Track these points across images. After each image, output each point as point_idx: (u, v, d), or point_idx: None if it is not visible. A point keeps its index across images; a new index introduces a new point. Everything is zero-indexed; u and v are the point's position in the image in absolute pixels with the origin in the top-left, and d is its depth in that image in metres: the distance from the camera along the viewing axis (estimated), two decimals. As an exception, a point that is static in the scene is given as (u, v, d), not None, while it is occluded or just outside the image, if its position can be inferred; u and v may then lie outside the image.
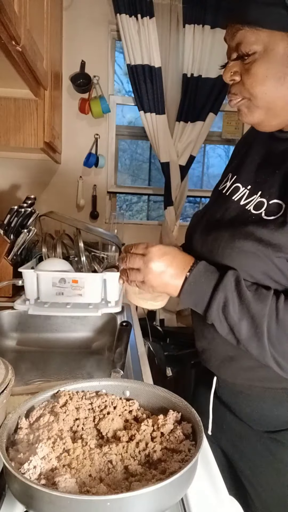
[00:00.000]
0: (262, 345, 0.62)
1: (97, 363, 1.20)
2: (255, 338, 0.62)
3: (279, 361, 0.63)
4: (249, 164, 0.78)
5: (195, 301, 0.67)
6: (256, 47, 0.65)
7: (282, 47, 0.64)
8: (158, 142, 2.22)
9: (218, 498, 0.56)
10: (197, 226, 0.82)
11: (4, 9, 0.78)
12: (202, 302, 0.66)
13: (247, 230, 0.67)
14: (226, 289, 0.64)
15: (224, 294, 0.64)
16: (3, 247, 1.44)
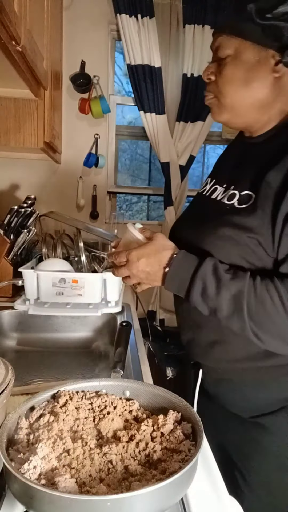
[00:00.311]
0: (243, 320, 0.68)
1: (97, 363, 1.20)
2: (236, 315, 0.69)
3: (257, 333, 0.68)
4: (225, 167, 0.91)
5: (176, 288, 0.75)
6: (229, 52, 0.77)
7: (249, 55, 0.75)
8: (158, 142, 2.22)
9: (218, 498, 0.56)
10: (183, 223, 0.92)
11: (4, 9, 0.78)
12: (182, 288, 0.73)
13: (224, 218, 0.76)
14: (204, 274, 0.71)
15: (202, 279, 0.70)
16: (3, 247, 1.44)
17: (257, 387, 0.83)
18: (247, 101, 0.78)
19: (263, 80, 0.77)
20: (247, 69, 0.76)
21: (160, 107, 2.18)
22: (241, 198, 0.76)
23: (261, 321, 0.68)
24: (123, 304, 1.37)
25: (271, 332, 0.69)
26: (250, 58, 0.76)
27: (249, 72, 0.76)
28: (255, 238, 0.71)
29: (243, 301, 0.67)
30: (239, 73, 0.77)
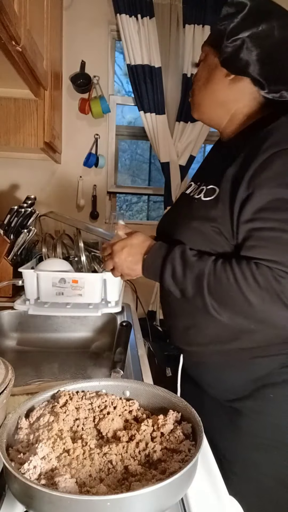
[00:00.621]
0: (204, 298, 0.75)
1: (97, 363, 1.20)
2: (198, 294, 0.76)
3: (218, 310, 0.75)
4: (202, 168, 1.04)
5: (153, 274, 0.83)
6: (203, 57, 0.90)
7: (212, 59, 0.87)
8: (158, 142, 2.22)
9: (218, 498, 0.56)
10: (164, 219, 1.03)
11: (4, 9, 0.78)
12: (156, 273, 0.82)
13: (193, 211, 0.85)
14: (173, 259, 0.79)
15: (171, 263, 0.79)
16: (3, 247, 1.44)
17: (228, 370, 0.89)
18: (208, 99, 0.89)
19: (219, 81, 0.87)
20: (208, 71, 0.88)
21: (160, 107, 2.18)
22: (206, 192, 0.84)
23: (220, 298, 0.75)
24: (123, 304, 1.37)
25: (230, 308, 0.75)
26: (212, 61, 0.87)
27: (210, 74, 0.88)
28: (217, 227, 0.79)
29: (203, 281, 0.75)
30: (203, 74, 0.89)
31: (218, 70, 0.86)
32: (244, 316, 0.75)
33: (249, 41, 0.79)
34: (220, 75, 0.86)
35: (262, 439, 0.86)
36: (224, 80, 0.86)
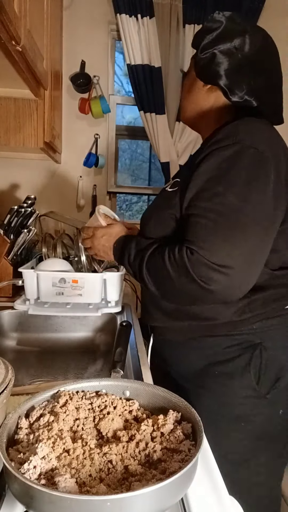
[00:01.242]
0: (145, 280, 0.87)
1: (97, 363, 1.20)
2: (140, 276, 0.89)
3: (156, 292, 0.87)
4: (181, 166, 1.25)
5: (118, 259, 0.99)
6: (190, 67, 1.01)
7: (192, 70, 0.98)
8: (158, 142, 2.22)
9: (218, 498, 0.56)
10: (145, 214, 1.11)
11: (4, 9, 0.78)
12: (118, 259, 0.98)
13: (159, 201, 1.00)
14: (130, 248, 0.93)
15: (128, 251, 0.93)
16: (3, 247, 1.44)
17: (183, 347, 1.00)
18: (190, 106, 1.02)
19: (199, 90, 0.98)
20: (191, 81, 1.00)
21: (160, 107, 2.18)
22: (172, 184, 0.97)
23: (156, 280, 0.86)
24: (123, 304, 1.37)
25: (165, 290, 0.86)
26: (193, 73, 0.98)
27: (191, 84, 1.00)
28: (174, 214, 0.90)
29: (143, 265, 0.87)
30: (187, 83, 1.02)
31: (197, 80, 0.98)
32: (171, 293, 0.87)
33: (219, 55, 0.90)
34: (199, 85, 0.97)
35: (217, 416, 0.94)
36: (202, 90, 0.97)
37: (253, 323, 0.92)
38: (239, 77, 0.90)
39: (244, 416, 0.94)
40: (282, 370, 0.93)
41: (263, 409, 0.93)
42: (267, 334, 0.93)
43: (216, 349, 0.94)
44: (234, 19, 0.92)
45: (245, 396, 0.93)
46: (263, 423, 0.94)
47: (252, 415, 0.93)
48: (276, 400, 0.94)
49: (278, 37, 1.02)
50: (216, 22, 0.91)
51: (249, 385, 0.92)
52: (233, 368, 0.93)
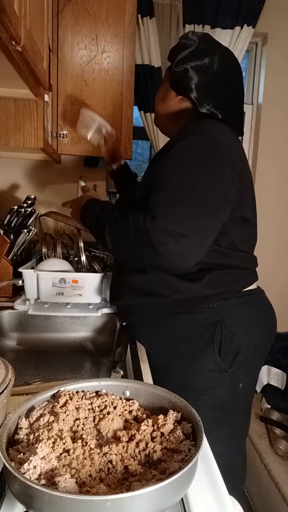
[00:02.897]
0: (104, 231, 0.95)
1: (97, 363, 1.20)
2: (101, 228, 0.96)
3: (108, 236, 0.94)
4: None
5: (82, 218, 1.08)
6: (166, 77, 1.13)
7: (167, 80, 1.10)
8: (158, 142, 2.22)
9: (218, 498, 0.56)
10: None
11: (4, 9, 0.78)
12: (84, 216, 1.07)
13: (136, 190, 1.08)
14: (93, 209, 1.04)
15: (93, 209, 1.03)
16: (3, 247, 1.44)
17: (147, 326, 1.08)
18: (163, 112, 1.13)
19: (171, 99, 1.10)
20: (165, 90, 1.11)
21: (160, 107, 2.18)
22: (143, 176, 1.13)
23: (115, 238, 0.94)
24: (123, 304, 1.37)
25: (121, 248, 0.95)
26: (167, 83, 1.10)
27: (166, 92, 1.11)
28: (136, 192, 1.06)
29: (106, 223, 0.95)
30: (162, 92, 1.13)
31: (171, 90, 1.09)
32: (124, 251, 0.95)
33: (191, 70, 1.02)
34: (172, 94, 1.09)
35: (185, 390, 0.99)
36: (174, 99, 1.09)
37: (213, 301, 1.01)
38: (208, 92, 1.03)
39: (208, 389, 1.02)
40: (239, 345, 1.01)
41: (225, 383, 1.02)
42: (227, 312, 1.01)
43: (180, 327, 1.03)
44: (206, 39, 1.05)
45: (209, 370, 1.01)
46: (225, 397, 1.03)
47: (215, 387, 1.02)
48: (236, 374, 1.03)
49: (278, 37, 1.02)
50: (190, 41, 1.05)
51: (212, 360, 1.00)
52: (197, 344, 1.01)
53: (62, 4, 1.67)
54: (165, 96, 1.11)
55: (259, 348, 1.08)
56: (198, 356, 1.01)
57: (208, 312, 1.01)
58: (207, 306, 1.01)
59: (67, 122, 1.78)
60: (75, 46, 1.74)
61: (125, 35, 1.75)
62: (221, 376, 1.01)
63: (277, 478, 1.62)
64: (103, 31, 1.73)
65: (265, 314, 1.12)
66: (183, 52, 1.04)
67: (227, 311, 1.01)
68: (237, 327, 1.01)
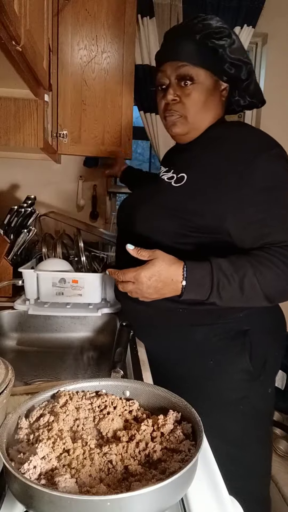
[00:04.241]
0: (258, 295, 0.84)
1: (97, 363, 1.20)
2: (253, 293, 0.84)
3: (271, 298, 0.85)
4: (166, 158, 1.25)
5: (196, 296, 0.85)
6: (195, 79, 0.95)
7: (208, 83, 0.96)
8: (158, 142, 2.22)
9: (218, 498, 0.56)
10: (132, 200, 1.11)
11: (4, 9, 0.78)
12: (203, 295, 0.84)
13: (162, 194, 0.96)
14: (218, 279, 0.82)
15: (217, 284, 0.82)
16: (3, 247, 1.44)
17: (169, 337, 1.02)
18: (206, 121, 0.99)
19: (217, 103, 1.00)
20: (207, 95, 0.97)
21: (160, 107, 2.18)
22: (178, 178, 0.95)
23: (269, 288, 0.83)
24: (123, 304, 1.37)
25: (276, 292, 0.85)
26: (209, 85, 0.97)
27: (209, 97, 0.97)
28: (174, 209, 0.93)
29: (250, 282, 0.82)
30: (202, 97, 0.97)
31: (216, 92, 0.99)
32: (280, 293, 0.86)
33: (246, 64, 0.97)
34: (217, 96, 1.00)
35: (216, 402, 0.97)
36: (220, 101, 1.01)
37: (239, 311, 0.97)
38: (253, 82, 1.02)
39: (241, 399, 0.99)
40: (267, 352, 1.01)
41: (258, 390, 1.01)
42: (252, 320, 0.99)
43: (207, 338, 0.98)
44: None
45: (242, 379, 0.99)
46: (257, 403, 1.01)
47: (249, 396, 1.00)
48: (266, 380, 1.02)
49: (278, 37, 1.02)
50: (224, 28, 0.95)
51: (244, 369, 0.98)
52: (227, 355, 0.98)
53: (62, 4, 1.67)
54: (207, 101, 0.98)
55: (281, 350, 1.08)
56: (229, 367, 0.99)
57: (235, 322, 0.98)
58: (233, 315, 0.98)
59: (67, 122, 1.78)
60: (75, 46, 1.74)
61: (125, 35, 1.75)
62: (254, 384, 1.00)
63: (277, 478, 1.62)
64: (103, 31, 1.73)
65: (281, 317, 1.10)
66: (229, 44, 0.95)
67: (252, 320, 0.99)
68: (264, 334, 1.01)
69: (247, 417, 1.01)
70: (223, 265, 0.83)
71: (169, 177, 0.97)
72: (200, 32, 0.94)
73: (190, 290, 0.83)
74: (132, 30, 1.74)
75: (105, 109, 1.79)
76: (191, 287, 0.83)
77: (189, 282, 0.82)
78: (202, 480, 0.59)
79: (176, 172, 0.97)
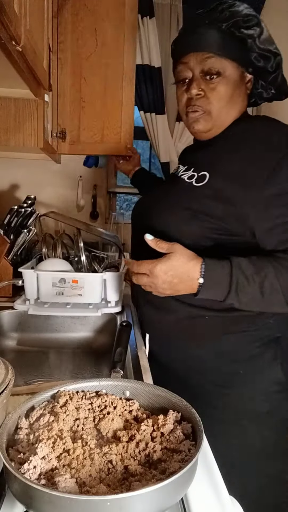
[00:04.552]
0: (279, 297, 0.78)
1: (97, 363, 1.20)
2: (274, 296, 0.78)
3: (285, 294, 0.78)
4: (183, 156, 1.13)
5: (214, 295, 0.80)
6: (221, 72, 0.87)
7: (234, 75, 0.89)
8: (158, 142, 2.22)
9: (218, 498, 0.56)
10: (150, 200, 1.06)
11: (4, 9, 0.78)
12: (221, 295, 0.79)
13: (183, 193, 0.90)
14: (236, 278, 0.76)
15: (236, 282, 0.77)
16: (3, 247, 1.44)
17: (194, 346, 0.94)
18: (230, 116, 0.92)
19: (242, 96, 0.93)
20: (233, 88, 0.90)
21: (160, 107, 2.18)
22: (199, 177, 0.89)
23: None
24: (123, 304, 1.37)
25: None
26: (235, 78, 0.90)
27: (235, 91, 0.90)
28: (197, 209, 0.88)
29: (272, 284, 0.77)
30: (229, 91, 0.89)
31: (242, 84, 0.92)
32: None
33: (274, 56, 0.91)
34: (243, 88, 0.93)
35: (239, 414, 0.92)
36: (245, 93, 0.94)
37: (269, 317, 0.91)
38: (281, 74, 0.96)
39: (269, 410, 0.93)
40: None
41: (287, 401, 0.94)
42: (282, 327, 0.93)
43: (237, 347, 0.92)
44: None
45: (273, 390, 0.93)
46: (286, 415, 0.95)
47: (277, 408, 0.94)
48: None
49: (278, 36, 1.02)
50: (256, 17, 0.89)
51: (276, 378, 0.92)
52: (259, 364, 0.92)
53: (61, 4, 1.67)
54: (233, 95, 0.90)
55: None
56: (257, 376, 0.93)
57: (265, 329, 0.93)
58: (263, 322, 0.92)
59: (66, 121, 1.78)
60: (74, 42, 1.73)
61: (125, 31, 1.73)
62: (283, 395, 0.94)
63: None
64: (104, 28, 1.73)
65: None
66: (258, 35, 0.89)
67: (282, 326, 0.94)
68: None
69: (274, 429, 0.95)
70: (243, 265, 0.78)
71: (190, 176, 0.91)
72: (227, 21, 0.86)
73: (207, 288, 0.78)
74: (134, 18, 1.72)
75: (104, 106, 1.78)
76: (208, 286, 0.78)
77: (207, 280, 0.78)
78: (202, 480, 0.59)
79: (196, 171, 0.91)
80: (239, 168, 0.84)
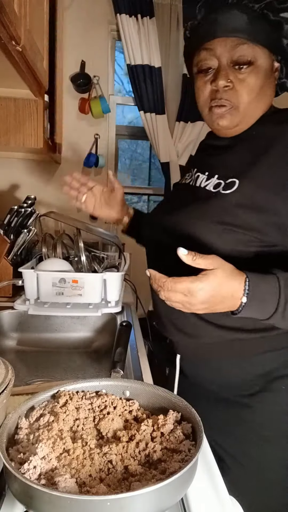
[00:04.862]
0: None
1: (97, 363, 1.20)
2: None
3: None
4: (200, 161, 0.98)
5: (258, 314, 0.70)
6: (253, 60, 0.77)
7: (264, 63, 0.78)
8: (158, 142, 2.22)
9: (218, 498, 0.56)
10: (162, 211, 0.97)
11: (4, 9, 0.78)
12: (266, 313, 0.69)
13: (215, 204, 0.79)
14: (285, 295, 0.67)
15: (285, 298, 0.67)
16: (3, 247, 1.44)
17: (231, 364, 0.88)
18: (259, 110, 0.82)
19: (272, 86, 0.83)
20: (264, 79, 0.79)
21: (160, 107, 2.18)
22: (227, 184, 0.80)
23: None
24: (123, 304, 1.37)
25: None
26: (265, 66, 0.78)
27: (265, 81, 0.79)
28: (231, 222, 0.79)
29: None
30: (259, 82, 0.78)
31: (271, 73, 0.81)
32: None
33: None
34: (272, 78, 0.82)
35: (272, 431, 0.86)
36: (274, 83, 0.83)
37: None
38: None
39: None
40: None
41: None
42: None
43: (278, 364, 0.86)
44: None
45: None
46: None
47: None
48: None
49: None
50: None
51: None
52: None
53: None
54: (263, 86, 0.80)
55: None
56: None
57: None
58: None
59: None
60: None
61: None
62: None
63: None
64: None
65: None
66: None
67: None
68: None
69: None
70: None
71: (216, 185, 0.81)
72: (260, 2, 0.75)
73: (250, 307, 0.68)
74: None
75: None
76: (252, 304, 0.68)
77: (251, 298, 0.67)
78: (202, 480, 0.59)
79: (223, 178, 0.81)
80: (272, 173, 0.75)
